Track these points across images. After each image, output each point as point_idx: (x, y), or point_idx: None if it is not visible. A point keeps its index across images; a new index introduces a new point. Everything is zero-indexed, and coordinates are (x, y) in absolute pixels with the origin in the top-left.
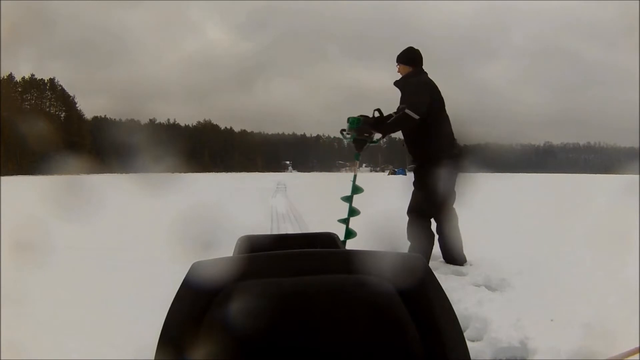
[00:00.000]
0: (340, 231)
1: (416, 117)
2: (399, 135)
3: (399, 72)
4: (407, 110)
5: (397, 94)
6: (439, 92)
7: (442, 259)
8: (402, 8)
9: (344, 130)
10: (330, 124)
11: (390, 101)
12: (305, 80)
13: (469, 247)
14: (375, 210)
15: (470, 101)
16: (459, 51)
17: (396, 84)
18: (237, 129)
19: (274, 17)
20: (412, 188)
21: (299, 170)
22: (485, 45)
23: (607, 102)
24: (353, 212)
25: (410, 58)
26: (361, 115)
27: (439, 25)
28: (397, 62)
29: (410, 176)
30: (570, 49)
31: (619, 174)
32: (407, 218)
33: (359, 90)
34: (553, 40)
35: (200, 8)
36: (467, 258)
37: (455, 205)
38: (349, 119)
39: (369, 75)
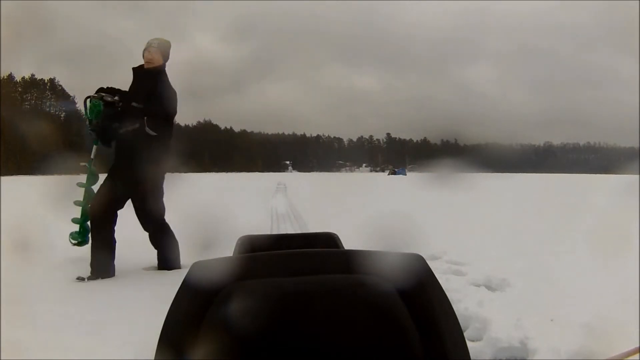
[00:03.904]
0: (342, 231)
1: (167, 127)
2: (399, 134)
3: (149, 60)
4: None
5: (387, 97)
6: None
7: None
8: (401, 8)
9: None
10: (330, 124)
11: (382, 103)
12: (304, 80)
13: (469, 246)
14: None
15: (470, 102)
16: (457, 51)
17: (141, 71)
18: (237, 129)
19: (270, 19)
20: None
21: (299, 171)
22: (484, 45)
23: (607, 102)
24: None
25: (168, 52)
26: (102, 94)
27: (433, 26)
28: (153, 48)
29: (410, 177)
30: (570, 49)
31: (619, 174)
32: (409, 220)
33: (352, 91)
34: (552, 41)
35: (198, 11)
36: (466, 259)
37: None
38: (91, 101)
39: (360, 77)
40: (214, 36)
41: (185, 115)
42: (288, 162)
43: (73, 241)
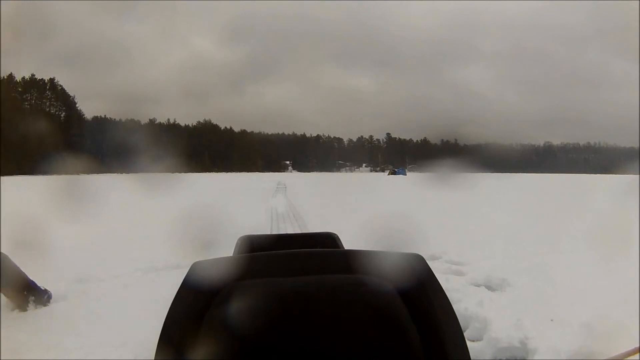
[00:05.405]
0: (343, 231)
1: None
2: (399, 134)
3: None
4: None
5: (387, 97)
6: None
7: (443, 259)
8: (399, 9)
9: None
10: (330, 124)
11: (382, 103)
12: (304, 81)
13: (470, 245)
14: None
15: (470, 102)
16: (456, 52)
17: None
18: (237, 129)
19: (270, 20)
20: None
21: (299, 170)
22: (484, 45)
23: (607, 102)
24: None
25: None
26: None
27: (433, 27)
28: None
29: (410, 177)
30: (570, 48)
31: (619, 174)
32: (409, 220)
33: (352, 91)
34: (552, 40)
35: (197, 13)
36: (466, 259)
37: None
38: None
39: (360, 77)
40: (212, 38)
41: (185, 116)
42: (288, 162)
43: None
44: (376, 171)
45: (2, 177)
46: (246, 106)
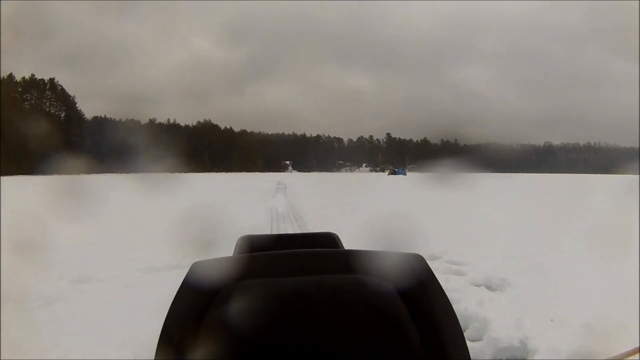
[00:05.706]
0: (343, 231)
1: None
2: (399, 134)
3: None
4: None
5: (387, 97)
6: None
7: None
8: (398, 10)
9: None
10: (330, 124)
11: (382, 103)
12: (304, 81)
13: (470, 245)
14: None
15: (470, 102)
16: (456, 52)
17: None
18: (237, 129)
19: (270, 21)
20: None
21: (299, 170)
22: (485, 46)
23: (607, 102)
24: None
25: None
26: None
27: (433, 27)
28: None
29: (410, 177)
30: (571, 48)
31: (619, 174)
32: (409, 220)
33: (352, 91)
34: (552, 40)
35: (197, 14)
36: (467, 259)
37: None
38: None
39: (360, 77)
40: (212, 38)
41: (185, 116)
42: (288, 162)
43: None
44: (376, 171)
45: (2, 177)
46: (246, 106)
